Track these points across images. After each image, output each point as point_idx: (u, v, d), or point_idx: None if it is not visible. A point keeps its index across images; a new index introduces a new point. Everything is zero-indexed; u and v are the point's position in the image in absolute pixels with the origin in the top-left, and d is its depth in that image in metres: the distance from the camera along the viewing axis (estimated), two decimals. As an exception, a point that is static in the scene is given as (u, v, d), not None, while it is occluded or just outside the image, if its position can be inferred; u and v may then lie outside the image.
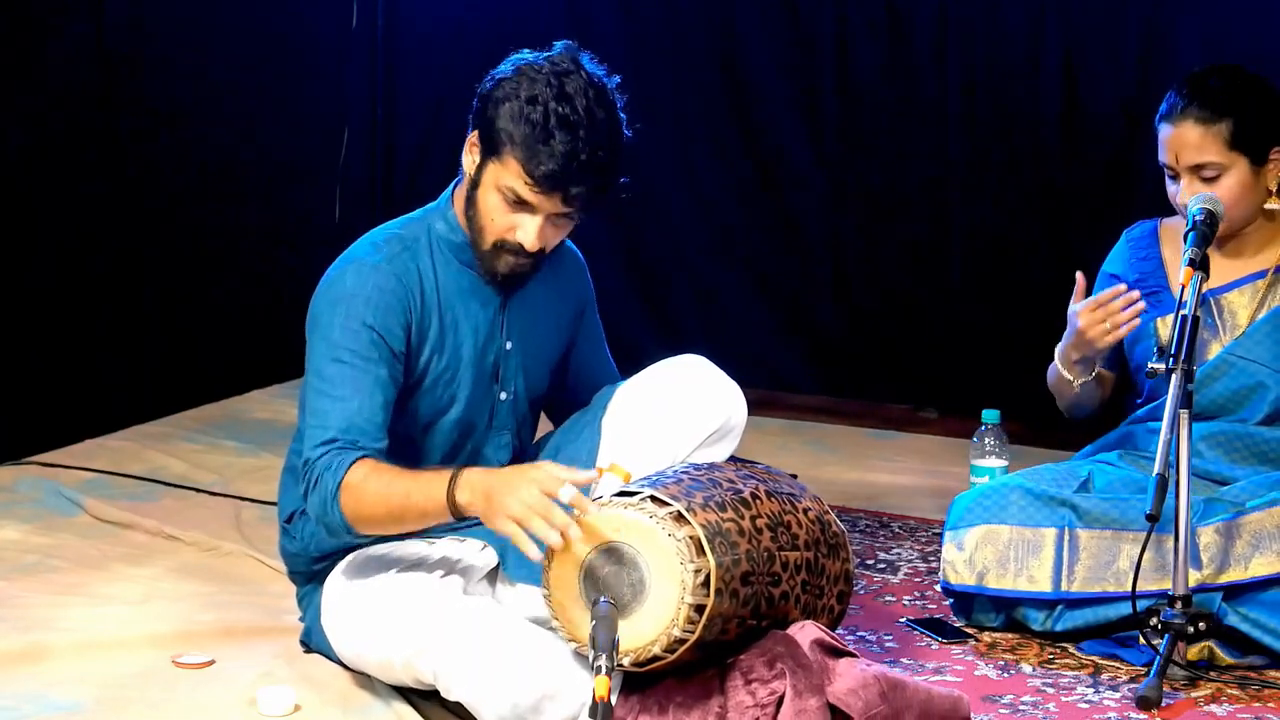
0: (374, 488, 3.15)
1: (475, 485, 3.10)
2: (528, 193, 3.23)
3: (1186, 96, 3.72)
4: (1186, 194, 3.73)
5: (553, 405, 3.61)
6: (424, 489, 3.14)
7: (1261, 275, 3.83)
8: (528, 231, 3.27)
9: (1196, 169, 3.72)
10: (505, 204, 3.26)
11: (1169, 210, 3.89)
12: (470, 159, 3.31)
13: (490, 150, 3.25)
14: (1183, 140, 3.72)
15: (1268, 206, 3.78)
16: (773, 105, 5.68)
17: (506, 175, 3.24)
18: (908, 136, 5.53)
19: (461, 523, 3.20)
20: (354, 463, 3.17)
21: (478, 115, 3.29)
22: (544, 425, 3.64)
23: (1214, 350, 3.81)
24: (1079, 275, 3.79)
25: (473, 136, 3.30)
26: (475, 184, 3.30)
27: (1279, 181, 3.77)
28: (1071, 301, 3.77)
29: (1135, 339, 3.89)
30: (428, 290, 3.34)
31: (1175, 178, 3.76)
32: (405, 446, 3.32)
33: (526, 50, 3.32)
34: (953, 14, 5.40)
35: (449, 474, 3.13)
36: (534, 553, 3.03)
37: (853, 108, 5.59)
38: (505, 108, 3.23)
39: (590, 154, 3.21)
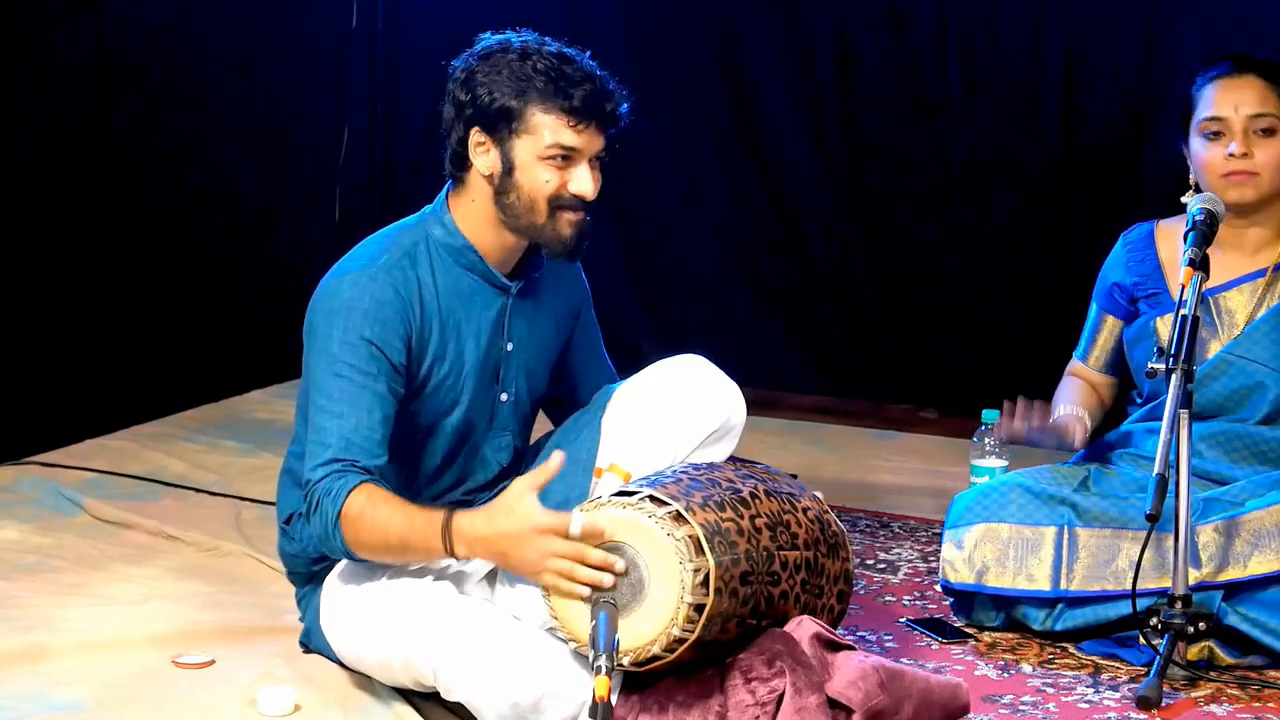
0: (370, 523, 3.15)
1: (473, 545, 3.10)
2: (571, 135, 3.23)
3: (1244, 61, 3.77)
4: (1241, 145, 3.72)
5: (551, 405, 3.61)
6: (420, 539, 3.13)
7: (1260, 274, 3.83)
8: (582, 180, 3.27)
9: (1256, 118, 3.73)
10: (552, 167, 3.25)
11: (1169, 210, 3.89)
12: (486, 157, 3.28)
13: (510, 128, 3.24)
14: (1244, 92, 3.74)
15: None
16: (773, 105, 5.68)
17: (543, 135, 3.23)
18: (908, 136, 5.53)
19: None
20: (352, 490, 3.16)
21: (469, 114, 3.27)
22: (541, 425, 3.64)
23: (1213, 350, 3.81)
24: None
25: (475, 136, 3.28)
26: (508, 171, 3.27)
27: None
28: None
29: (1136, 339, 3.89)
30: (427, 298, 3.32)
31: (1216, 136, 3.75)
32: (406, 448, 3.32)
33: (457, 59, 3.33)
34: (953, 14, 5.41)
35: (439, 526, 3.11)
36: (584, 594, 3.05)
37: (853, 108, 5.59)
38: (500, 84, 3.23)
39: (599, 70, 3.27)
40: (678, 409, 3.38)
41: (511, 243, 3.36)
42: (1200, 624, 3.49)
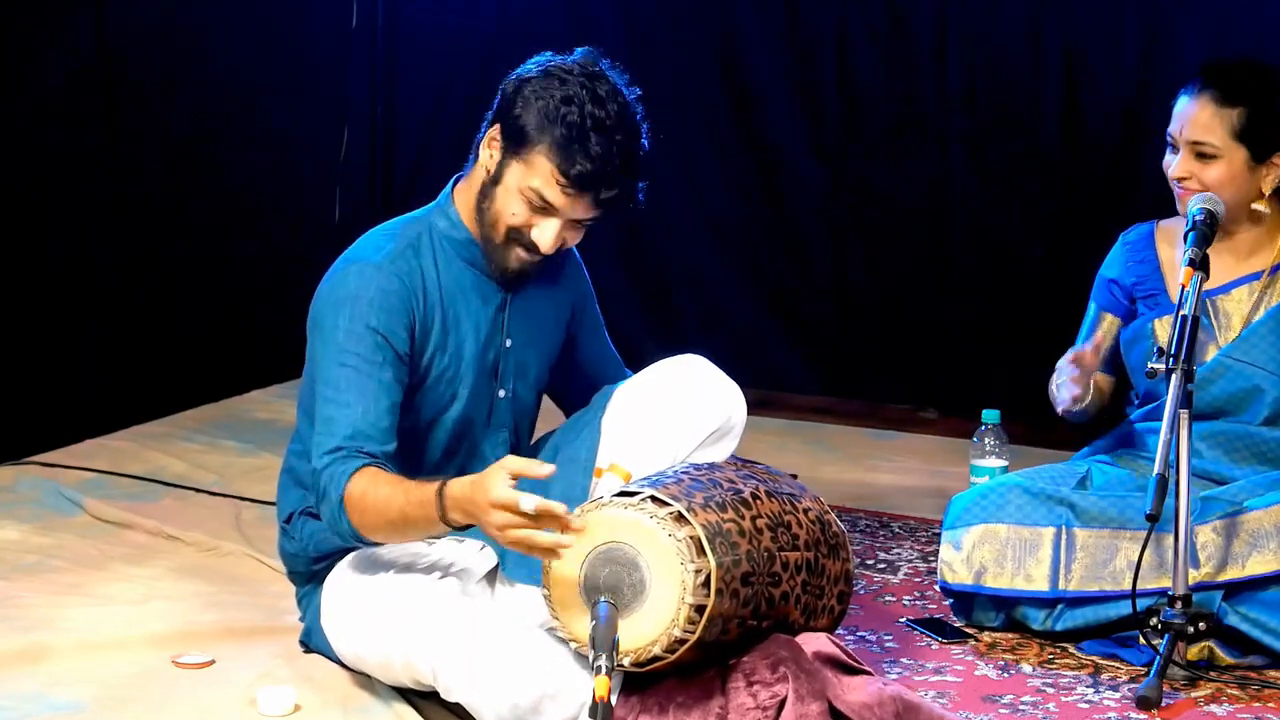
0: (372, 503, 3.15)
1: (461, 507, 3.08)
2: (556, 194, 3.23)
3: (1210, 76, 3.76)
4: (1179, 168, 3.76)
5: (561, 400, 3.62)
6: (419, 509, 3.13)
7: (1256, 277, 3.83)
8: (545, 234, 3.27)
9: (1195, 145, 3.74)
10: (526, 205, 3.26)
11: (1169, 211, 3.89)
12: (490, 154, 3.30)
13: (515, 148, 3.25)
14: (1193, 115, 3.74)
15: (1254, 207, 3.80)
16: (773, 105, 5.68)
17: (533, 176, 3.24)
18: (908, 136, 5.53)
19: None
20: (354, 473, 3.17)
21: (502, 112, 3.28)
22: (546, 423, 3.64)
23: (1210, 353, 3.80)
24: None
25: (494, 131, 3.29)
26: (495, 180, 3.29)
27: (1274, 186, 3.78)
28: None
29: (1133, 340, 3.89)
30: (430, 289, 3.34)
31: (1175, 148, 3.78)
32: (407, 444, 3.32)
33: (549, 52, 3.32)
34: (953, 14, 5.41)
35: (433, 495, 3.10)
36: (551, 560, 3.05)
37: (853, 108, 5.59)
38: (536, 107, 3.23)
39: (623, 159, 3.22)
40: (678, 409, 3.38)
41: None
42: (1200, 624, 3.49)
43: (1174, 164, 3.77)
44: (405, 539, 3.27)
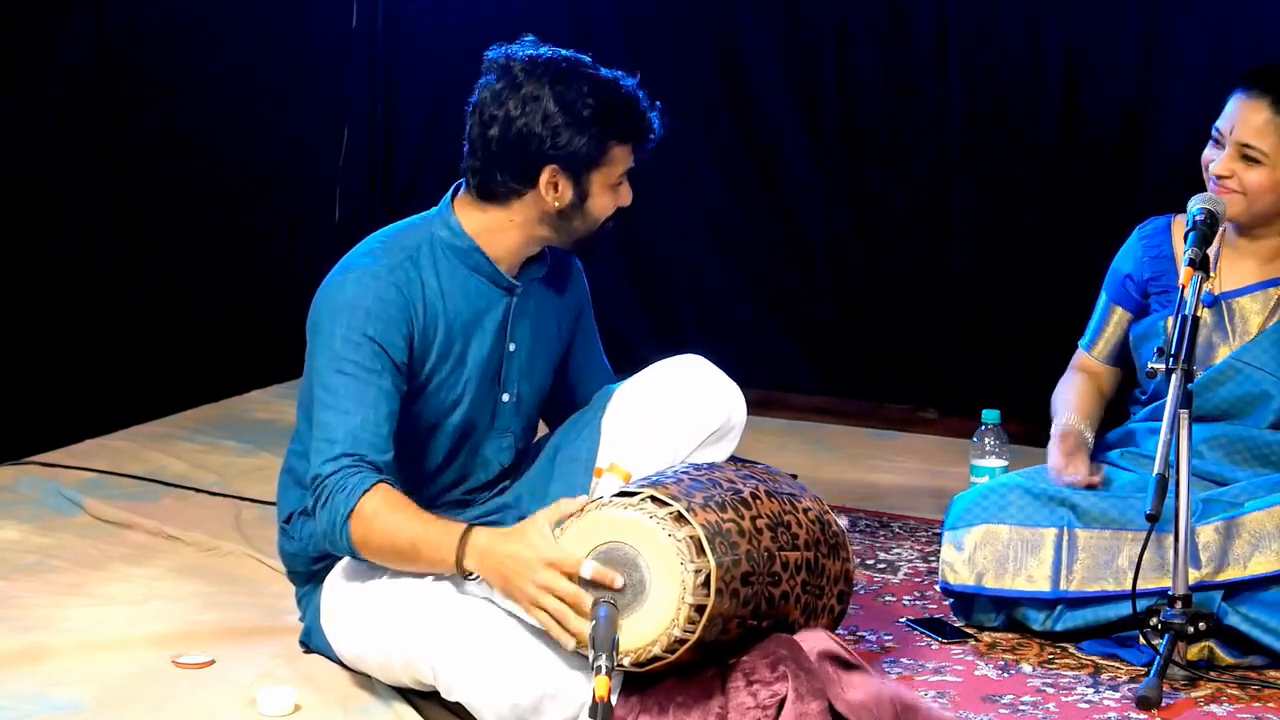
0: (382, 525, 3.15)
1: (484, 559, 3.11)
2: (632, 159, 3.34)
3: (1272, 80, 3.71)
4: (1222, 165, 3.71)
5: (547, 407, 3.61)
6: (431, 545, 3.14)
7: (1275, 283, 3.81)
8: (628, 193, 3.38)
9: (1243, 146, 3.70)
10: (614, 190, 3.34)
11: (1169, 209, 3.89)
12: (556, 192, 3.29)
13: (589, 165, 3.28)
14: (1246, 116, 3.70)
15: None
16: (773, 105, 5.67)
17: (617, 168, 3.32)
18: (908, 136, 5.53)
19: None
20: (368, 489, 3.16)
21: (551, 154, 3.26)
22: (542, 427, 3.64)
23: (1222, 354, 3.79)
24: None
25: (549, 175, 3.28)
26: (580, 201, 3.31)
27: None
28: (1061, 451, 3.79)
29: (1144, 337, 3.88)
30: (430, 297, 3.33)
31: (1219, 144, 3.74)
32: (408, 447, 3.32)
33: (485, 82, 3.36)
34: (953, 14, 5.40)
35: (457, 535, 3.13)
36: (570, 644, 3.06)
37: (853, 108, 5.59)
38: (581, 120, 3.25)
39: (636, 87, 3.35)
40: (678, 409, 3.39)
41: (522, 246, 3.37)
42: (1200, 624, 3.49)
43: (1217, 160, 3.72)
44: (403, 569, 3.26)
